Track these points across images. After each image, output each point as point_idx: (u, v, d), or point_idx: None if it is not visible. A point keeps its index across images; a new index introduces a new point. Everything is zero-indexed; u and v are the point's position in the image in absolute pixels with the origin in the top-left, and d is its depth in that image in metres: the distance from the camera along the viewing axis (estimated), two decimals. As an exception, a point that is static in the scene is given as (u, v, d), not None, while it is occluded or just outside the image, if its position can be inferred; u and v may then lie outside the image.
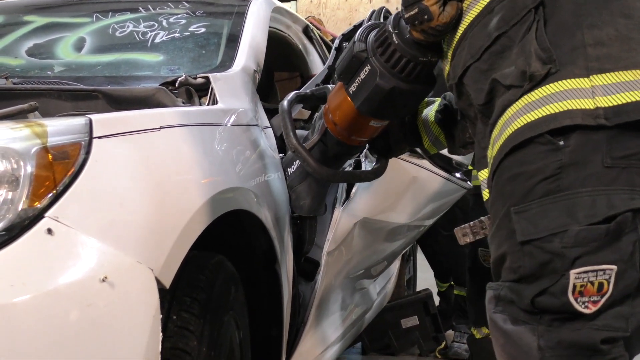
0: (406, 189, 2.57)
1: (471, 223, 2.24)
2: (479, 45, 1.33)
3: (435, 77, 1.60)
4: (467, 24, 1.37)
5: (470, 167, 2.81)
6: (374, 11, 2.49)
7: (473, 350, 3.10)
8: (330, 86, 1.87)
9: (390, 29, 1.51)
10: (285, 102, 1.78)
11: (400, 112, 1.68)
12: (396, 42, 1.50)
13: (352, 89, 1.60)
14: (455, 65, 1.39)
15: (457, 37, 1.39)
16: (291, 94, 1.84)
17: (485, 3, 1.35)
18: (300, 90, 1.90)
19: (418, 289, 3.87)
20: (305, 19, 3.03)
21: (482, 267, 2.78)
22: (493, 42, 1.32)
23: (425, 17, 1.40)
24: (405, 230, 2.85)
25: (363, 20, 2.46)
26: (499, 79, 1.29)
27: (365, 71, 1.55)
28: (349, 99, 1.61)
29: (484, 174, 1.38)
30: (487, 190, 1.36)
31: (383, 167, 1.88)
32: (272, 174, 1.85)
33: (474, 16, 1.36)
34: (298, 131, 1.82)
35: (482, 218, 2.16)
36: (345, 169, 2.14)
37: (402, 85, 1.53)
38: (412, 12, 1.42)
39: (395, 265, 3.41)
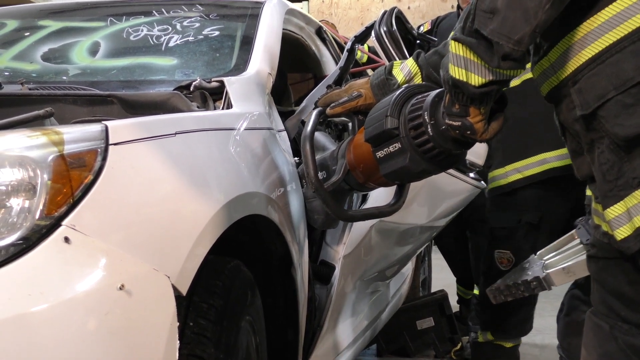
0: (421, 189, 2.56)
1: (501, 286, 2.20)
2: (627, 76, 1.18)
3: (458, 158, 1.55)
4: (606, 44, 1.20)
5: (498, 173, 2.77)
6: (385, 11, 2.48)
7: (474, 354, 3.07)
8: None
9: (426, 118, 1.43)
10: (308, 130, 1.73)
11: (422, 179, 1.67)
12: (431, 133, 1.43)
13: (380, 155, 1.55)
14: (585, 91, 1.23)
15: (586, 56, 1.22)
16: (312, 123, 1.76)
17: (638, 26, 1.17)
18: (321, 118, 1.85)
19: (433, 289, 3.86)
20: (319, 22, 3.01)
21: (498, 270, 2.75)
22: None
23: (468, 132, 1.32)
24: (420, 231, 2.84)
25: (375, 21, 2.45)
26: None
27: (395, 147, 1.50)
28: (376, 161, 1.58)
29: (613, 212, 1.23)
30: (623, 228, 1.23)
31: (402, 201, 1.88)
32: (287, 178, 1.84)
33: (617, 37, 1.19)
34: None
35: (508, 283, 2.13)
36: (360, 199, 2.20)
37: (430, 168, 1.50)
38: (454, 123, 1.33)
39: (410, 266, 3.40)
